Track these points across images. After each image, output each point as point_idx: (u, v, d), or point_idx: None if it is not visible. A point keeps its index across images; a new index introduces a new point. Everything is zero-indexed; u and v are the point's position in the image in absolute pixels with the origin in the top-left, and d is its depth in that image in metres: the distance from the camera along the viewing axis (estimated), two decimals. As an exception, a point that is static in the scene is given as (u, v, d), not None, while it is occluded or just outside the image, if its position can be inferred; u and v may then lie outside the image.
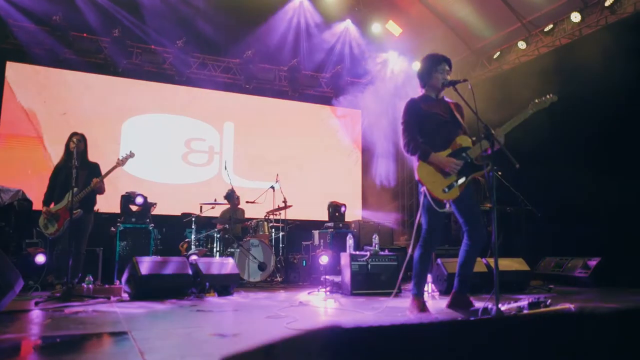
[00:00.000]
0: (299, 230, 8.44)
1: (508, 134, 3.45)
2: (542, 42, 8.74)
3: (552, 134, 6.76)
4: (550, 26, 8.47)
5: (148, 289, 4.88)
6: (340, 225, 8.14)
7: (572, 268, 6.68)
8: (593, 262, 6.45)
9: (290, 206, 7.62)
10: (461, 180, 3.45)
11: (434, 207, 3.42)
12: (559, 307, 3.31)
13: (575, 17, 7.95)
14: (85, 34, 8.58)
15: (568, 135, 7.11)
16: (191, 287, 5.25)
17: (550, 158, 7.81)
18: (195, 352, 2.43)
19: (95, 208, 5.61)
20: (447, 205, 3.50)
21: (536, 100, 3.52)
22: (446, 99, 3.76)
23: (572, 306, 3.30)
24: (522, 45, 8.99)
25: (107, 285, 5.68)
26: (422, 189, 3.47)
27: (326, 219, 8.43)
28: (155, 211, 7.40)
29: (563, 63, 8.20)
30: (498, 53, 9.58)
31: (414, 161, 3.54)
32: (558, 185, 7.54)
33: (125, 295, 5.14)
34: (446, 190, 3.42)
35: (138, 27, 8.61)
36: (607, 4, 7.55)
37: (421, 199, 3.53)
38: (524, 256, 6.05)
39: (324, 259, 7.00)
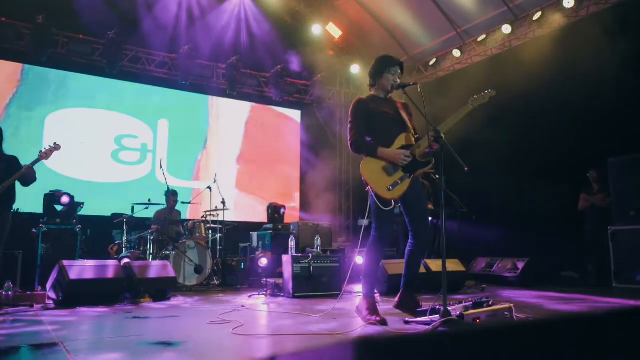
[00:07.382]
0: (236, 232, 8.22)
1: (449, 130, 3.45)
2: (475, 51, 9.12)
3: (481, 139, 7.05)
4: (483, 36, 8.86)
5: (77, 295, 4.52)
6: (280, 226, 8.02)
7: (502, 268, 7.00)
8: (521, 263, 6.79)
9: (227, 209, 7.41)
10: (405, 178, 3.46)
11: (380, 207, 3.40)
12: (500, 306, 3.43)
13: (507, 29, 8.36)
14: (3, 18, 7.88)
15: (496, 142, 7.44)
16: (124, 292, 4.94)
17: (479, 163, 8.14)
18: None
19: (15, 207, 5.12)
20: (393, 204, 3.50)
21: (475, 96, 3.52)
22: (394, 99, 3.78)
23: (511, 305, 3.42)
24: (456, 53, 9.34)
25: (28, 292, 5.21)
26: (368, 188, 3.45)
27: (264, 220, 8.29)
28: (82, 211, 6.93)
29: (494, 72, 8.59)
30: (434, 60, 9.89)
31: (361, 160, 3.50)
32: (489, 189, 7.86)
33: (50, 303, 4.74)
34: (390, 188, 3.41)
35: (66, 14, 8.01)
36: (535, 18, 8.00)
37: (369, 199, 3.52)
38: (457, 256, 6.25)
39: (263, 261, 6.86)
